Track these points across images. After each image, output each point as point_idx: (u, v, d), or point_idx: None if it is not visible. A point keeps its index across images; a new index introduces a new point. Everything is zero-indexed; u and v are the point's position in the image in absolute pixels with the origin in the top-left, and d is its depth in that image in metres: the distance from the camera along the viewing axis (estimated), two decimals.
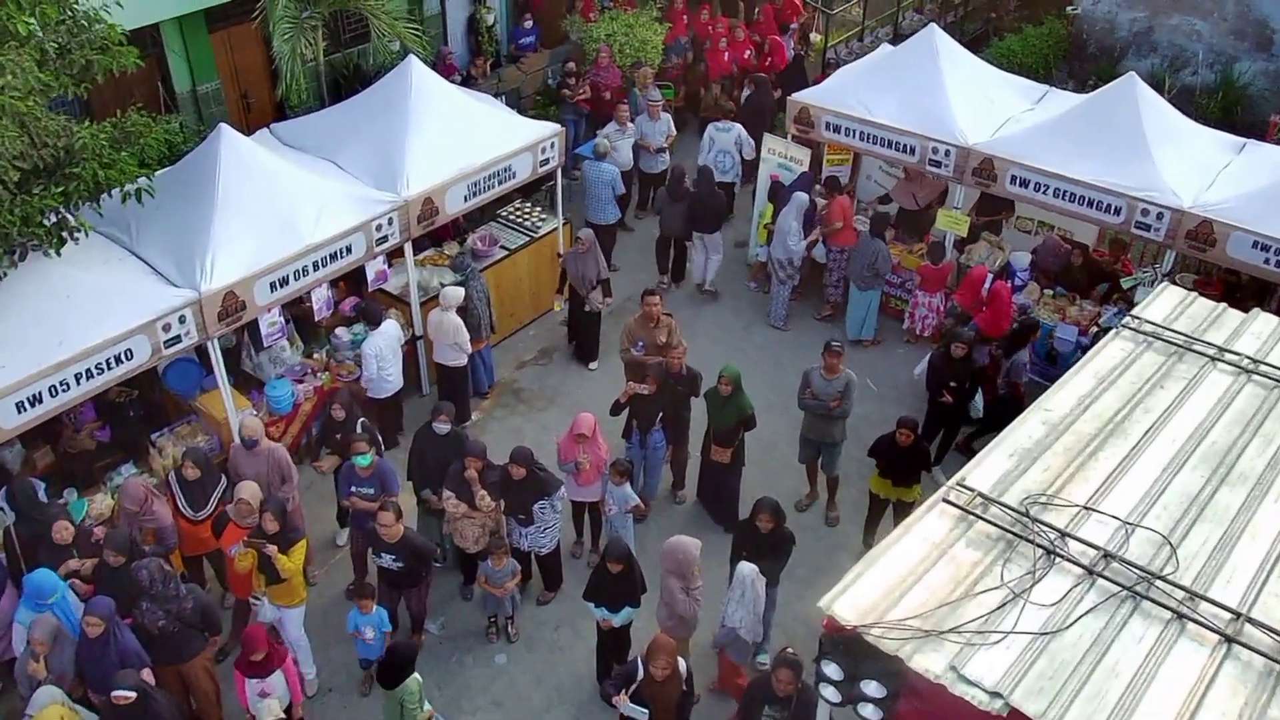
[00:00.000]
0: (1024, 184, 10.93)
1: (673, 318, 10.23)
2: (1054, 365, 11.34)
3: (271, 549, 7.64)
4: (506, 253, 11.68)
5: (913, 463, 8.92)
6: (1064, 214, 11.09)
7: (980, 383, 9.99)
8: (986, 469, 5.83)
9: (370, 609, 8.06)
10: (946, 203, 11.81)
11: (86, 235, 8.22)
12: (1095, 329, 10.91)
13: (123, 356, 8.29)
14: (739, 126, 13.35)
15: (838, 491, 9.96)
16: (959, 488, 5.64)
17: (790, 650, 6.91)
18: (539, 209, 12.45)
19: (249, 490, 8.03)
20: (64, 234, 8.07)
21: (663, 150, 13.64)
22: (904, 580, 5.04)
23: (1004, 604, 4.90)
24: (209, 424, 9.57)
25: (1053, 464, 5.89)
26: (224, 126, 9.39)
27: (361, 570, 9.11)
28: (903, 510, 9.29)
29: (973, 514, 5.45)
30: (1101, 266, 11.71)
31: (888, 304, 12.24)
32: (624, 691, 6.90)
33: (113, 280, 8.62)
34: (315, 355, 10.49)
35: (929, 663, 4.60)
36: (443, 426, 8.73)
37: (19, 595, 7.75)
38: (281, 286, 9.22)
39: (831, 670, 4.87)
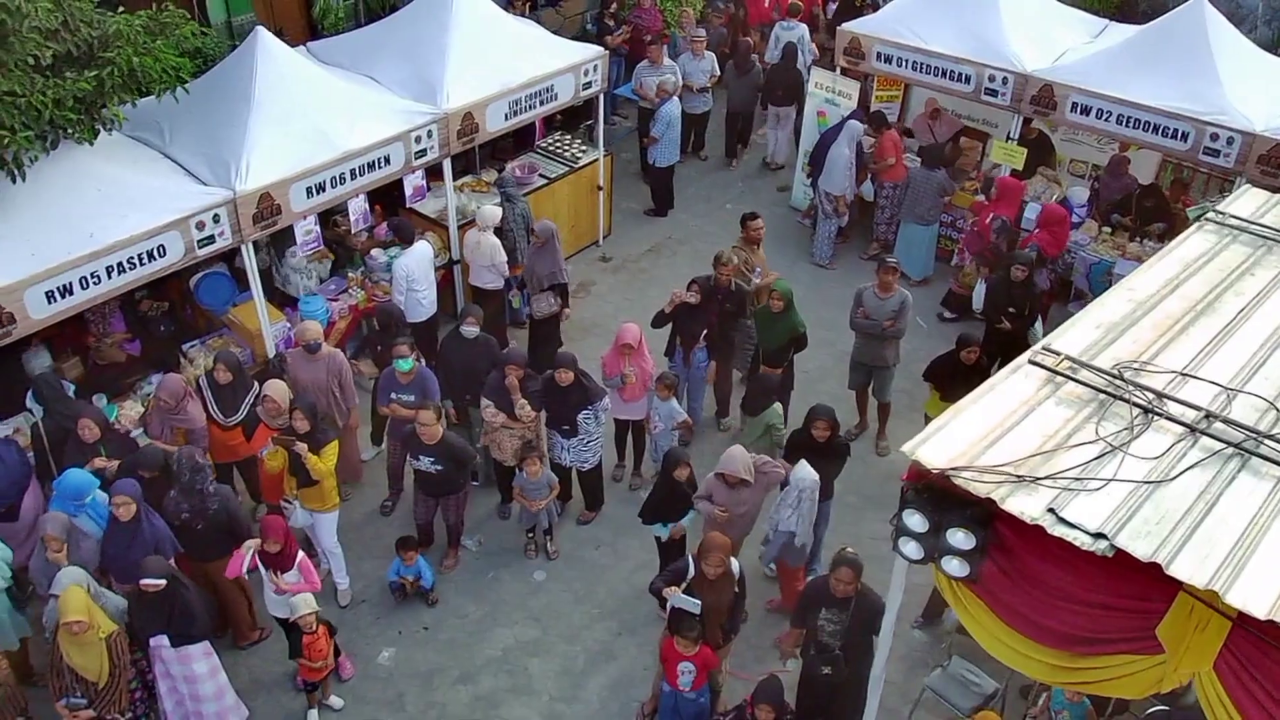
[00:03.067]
0: (1085, 111, 10.51)
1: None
2: None
3: (301, 447, 7.33)
4: (545, 181, 11.36)
5: (979, 382, 8.50)
6: (1127, 141, 10.66)
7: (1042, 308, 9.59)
8: (1072, 338, 5.45)
9: (413, 561, 7.87)
10: (1002, 136, 11.39)
11: (120, 127, 7.97)
12: None
13: (155, 253, 8.02)
14: (804, 26, 13.44)
15: (888, 420, 9.56)
16: (1045, 351, 5.26)
17: (850, 550, 6.54)
18: (579, 141, 12.12)
19: (276, 390, 7.73)
20: (96, 124, 7.81)
21: (705, 90, 13.29)
22: (991, 432, 4.67)
23: (1101, 455, 4.52)
24: (241, 337, 9.30)
25: (1141, 337, 5.50)
26: (260, 30, 9.13)
27: (397, 485, 8.84)
28: None
29: (1062, 374, 5.07)
30: (1166, 205, 11.25)
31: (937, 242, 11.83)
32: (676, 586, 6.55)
33: (145, 177, 8.36)
34: (350, 275, 10.20)
35: (1025, 506, 4.22)
36: (471, 329, 8.43)
37: (43, 493, 7.52)
38: (318, 193, 8.93)
39: (914, 521, 4.50)
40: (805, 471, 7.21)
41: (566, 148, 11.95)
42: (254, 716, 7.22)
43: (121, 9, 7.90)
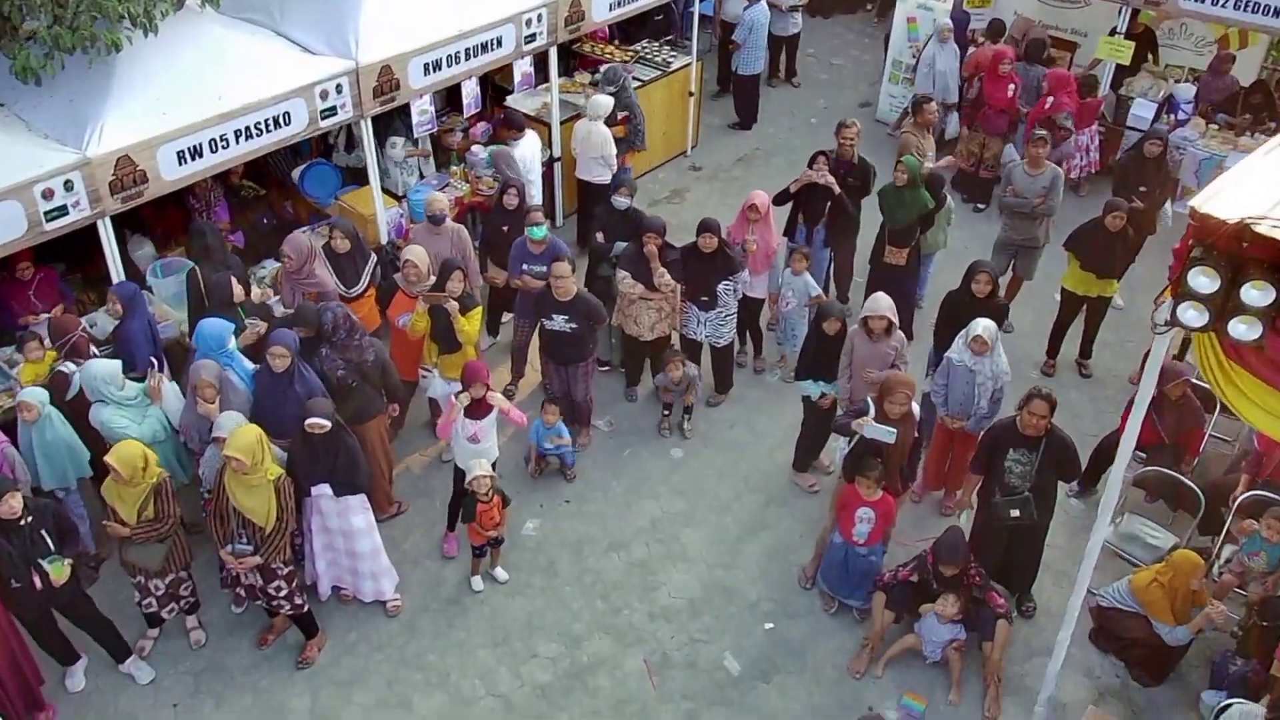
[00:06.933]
0: None
1: None
2: None
3: (452, 305, 7.11)
4: (640, 83, 11.08)
5: (1122, 251, 8.30)
6: (1245, 27, 10.47)
7: None
8: None
9: (554, 420, 7.61)
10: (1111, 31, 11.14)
11: None
12: None
13: (281, 120, 7.74)
14: None
15: (1018, 292, 9.27)
16: None
17: (1043, 386, 6.31)
18: (668, 47, 11.88)
19: (416, 254, 7.48)
20: None
21: (795, 9, 12.97)
22: (1272, 190, 4.40)
23: None
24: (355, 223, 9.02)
25: None
26: None
27: (519, 368, 8.59)
28: (1097, 309, 8.69)
29: None
30: (1273, 102, 11.05)
31: None
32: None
33: (265, 48, 8.13)
34: (454, 169, 9.95)
35: None
36: (622, 200, 8.23)
37: None
38: (435, 70, 8.67)
39: (1201, 282, 4.24)
40: (983, 322, 6.95)
41: (657, 53, 11.69)
42: (403, 582, 6.97)
43: None
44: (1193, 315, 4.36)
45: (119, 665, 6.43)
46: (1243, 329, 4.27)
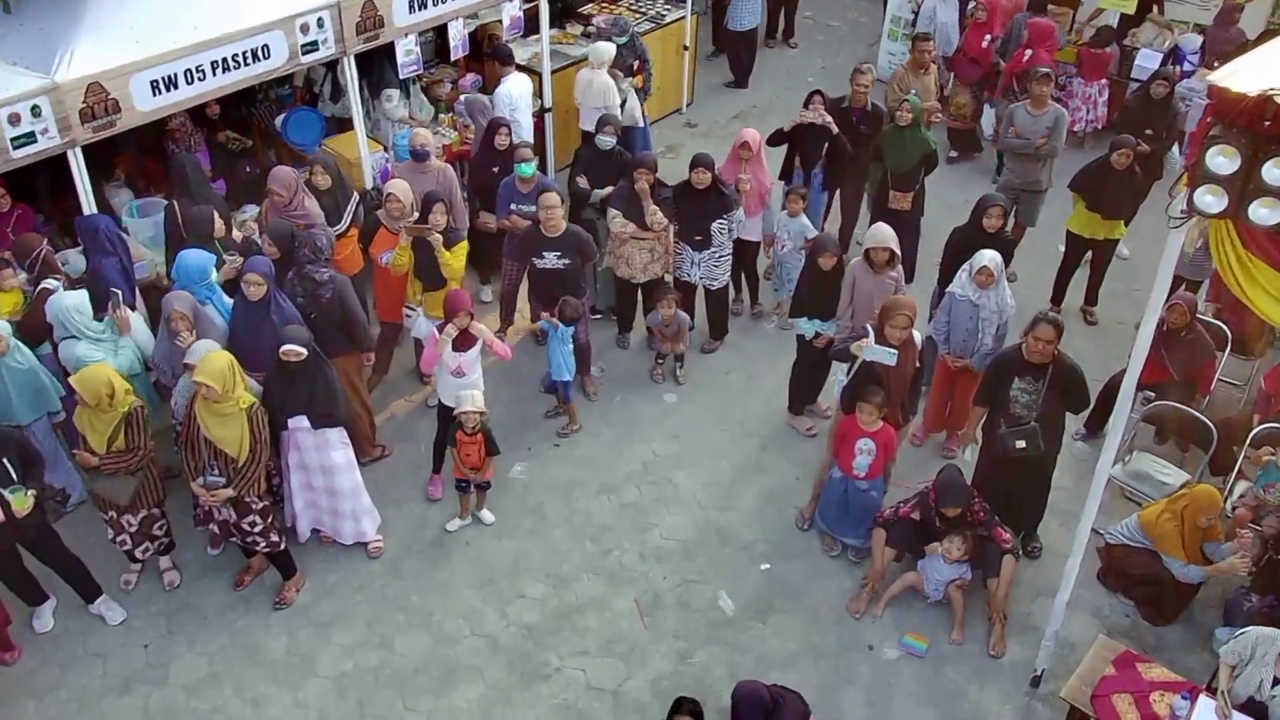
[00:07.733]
0: None
1: None
2: None
3: (436, 238, 6.86)
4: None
5: (1129, 191, 8.03)
6: None
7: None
8: None
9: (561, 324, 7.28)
10: None
11: None
12: None
13: (260, 53, 7.47)
14: None
15: (1021, 239, 8.99)
16: None
17: (1052, 310, 6.06)
18: (663, 0, 11.64)
19: (399, 187, 7.24)
20: None
21: None
22: None
23: None
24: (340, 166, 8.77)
25: None
26: None
27: (509, 315, 8.34)
28: (1103, 253, 8.44)
29: None
30: None
31: None
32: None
33: None
34: (441, 117, 9.71)
35: None
36: (607, 140, 7.94)
37: None
38: (420, 9, 8.41)
39: (1220, 162, 3.98)
40: (986, 254, 6.68)
41: (651, 6, 11.45)
42: (386, 525, 6.72)
43: None
44: (1210, 200, 4.11)
45: (89, 606, 6.18)
46: (1264, 213, 4.02)
